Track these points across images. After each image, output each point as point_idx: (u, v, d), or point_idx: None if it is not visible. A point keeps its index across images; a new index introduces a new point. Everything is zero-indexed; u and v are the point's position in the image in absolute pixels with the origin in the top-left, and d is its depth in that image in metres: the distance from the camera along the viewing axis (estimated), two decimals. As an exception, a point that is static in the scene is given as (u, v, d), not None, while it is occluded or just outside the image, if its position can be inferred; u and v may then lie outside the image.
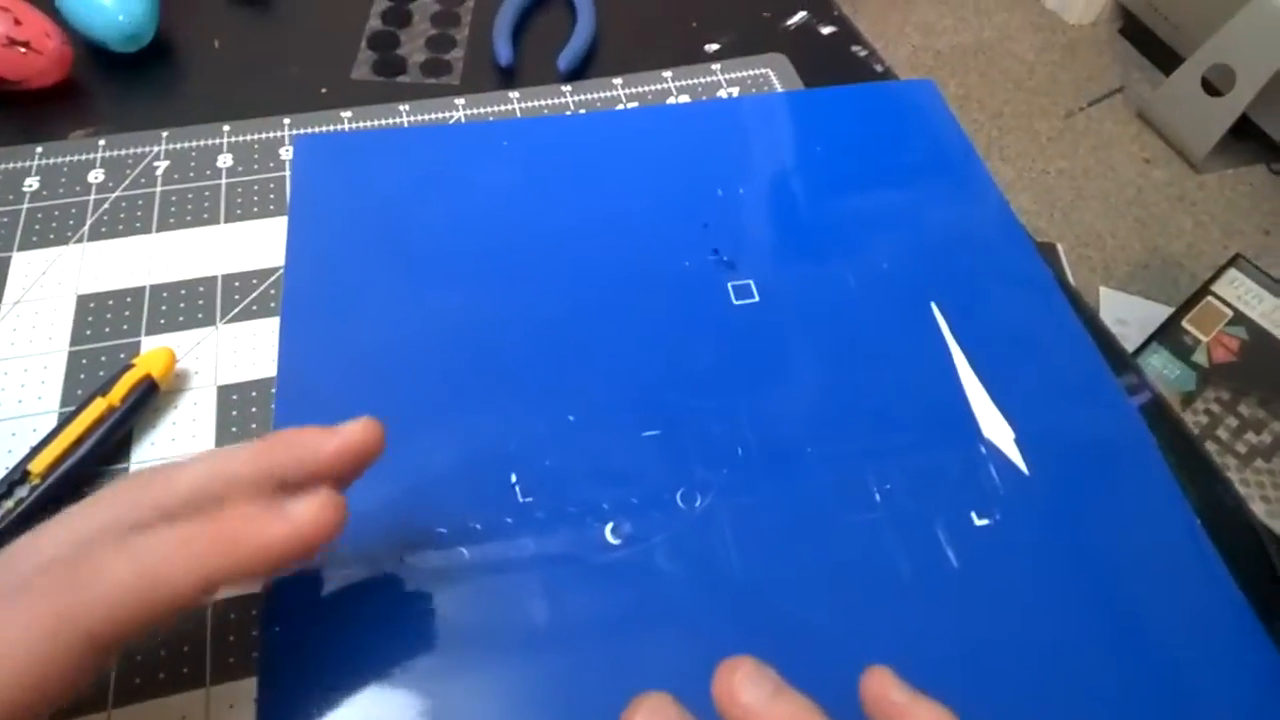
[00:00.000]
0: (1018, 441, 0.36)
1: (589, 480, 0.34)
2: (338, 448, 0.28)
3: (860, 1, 1.75)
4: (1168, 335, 1.13)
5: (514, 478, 0.34)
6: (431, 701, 0.29)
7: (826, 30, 0.56)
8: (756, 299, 0.41)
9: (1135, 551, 0.33)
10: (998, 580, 0.32)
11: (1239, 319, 1.15)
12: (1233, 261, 1.20)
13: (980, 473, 0.35)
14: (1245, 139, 1.50)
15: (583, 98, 0.50)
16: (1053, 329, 0.40)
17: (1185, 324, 1.14)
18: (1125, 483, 0.35)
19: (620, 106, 0.50)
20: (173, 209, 0.43)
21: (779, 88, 0.52)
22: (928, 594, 0.32)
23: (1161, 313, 1.19)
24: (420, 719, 0.29)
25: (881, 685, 0.25)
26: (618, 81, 0.51)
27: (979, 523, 0.34)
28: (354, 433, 0.28)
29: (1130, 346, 1.15)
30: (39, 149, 0.46)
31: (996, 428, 0.36)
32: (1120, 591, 0.33)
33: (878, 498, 0.34)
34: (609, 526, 0.33)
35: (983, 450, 0.36)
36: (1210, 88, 1.47)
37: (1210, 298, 1.17)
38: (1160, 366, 1.11)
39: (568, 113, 0.49)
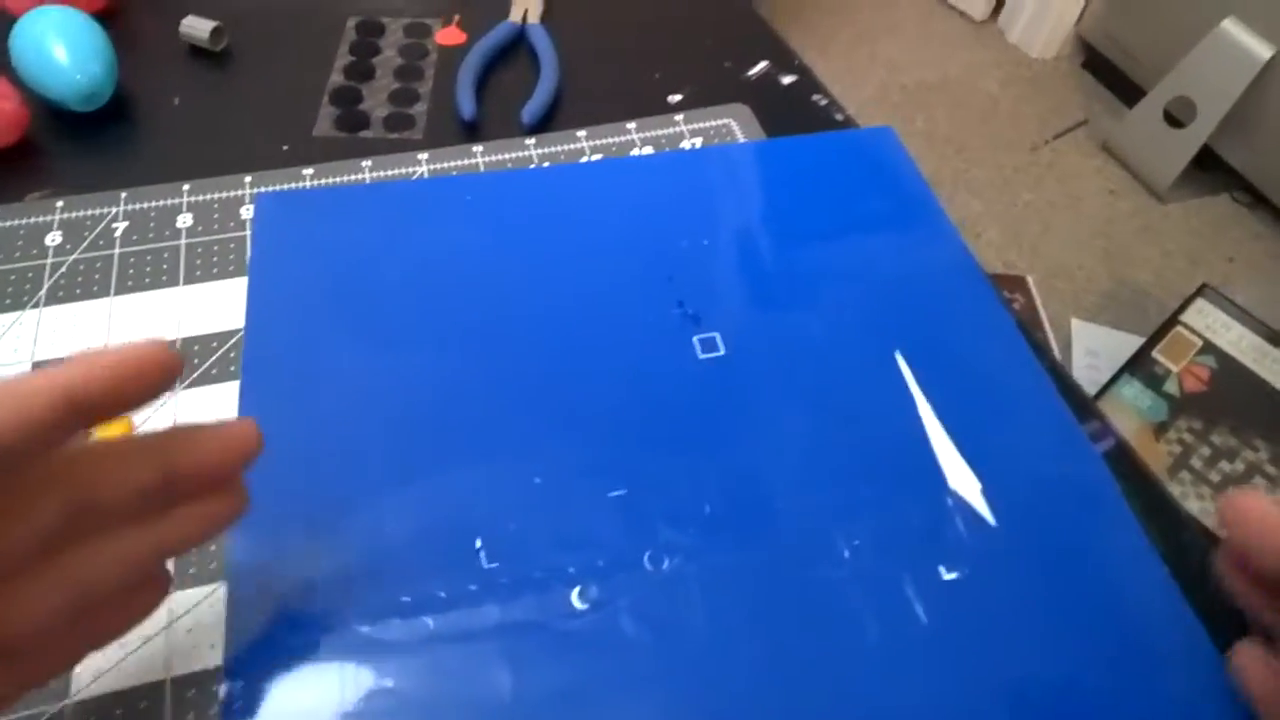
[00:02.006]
0: (984, 493, 0.36)
1: (555, 544, 0.34)
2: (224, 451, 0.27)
3: (828, 40, 1.78)
4: (1139, 366, 1.14)
5: (479, 543, 0.34)
6: (393, 780, 0.28)
7: (787, 80, 0.57)
8: (722, 352, 0.41)
9: (1103, 600, 0.33)
10: (967, 634, 0.32)
11: (1208, 348, 1.16)
12: (1200, 291, 1.22)
13: (947, 526, 0.35)
14: (1208, 169, 1.53)
15: (547, 150, 0.50)
16: (1017, 377, 0.40)
17: (1156, 354, 1.15)
18: (1093, 532, 0.35)
19: (584, 158, 0.50)
20: (131, 271, 0.43)
21: (741, 137, 0.52)
22: (897, 651, 0.32)
23: (1132, 343, 1.21)
24: (382, 799, 0.28)
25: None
26: (581, 134, 0.51)
27: (947, 576, 0.34)
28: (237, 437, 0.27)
29: (1102, 377, 1.16)
30: (-5, 212, 0.45)
31: (963, 479, 0.36)
32: (1089, 640, 0.32)
33: (846, 554, 0.34)
34: (575, 591, 0.33)
35: (950, 502, 0.36)
36: (1172, 119, 1.50)
37: (1180, 327, 1.18)
38: (1133, 398, 1.12)
39: (532, 165, 0.49)
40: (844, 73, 1.70)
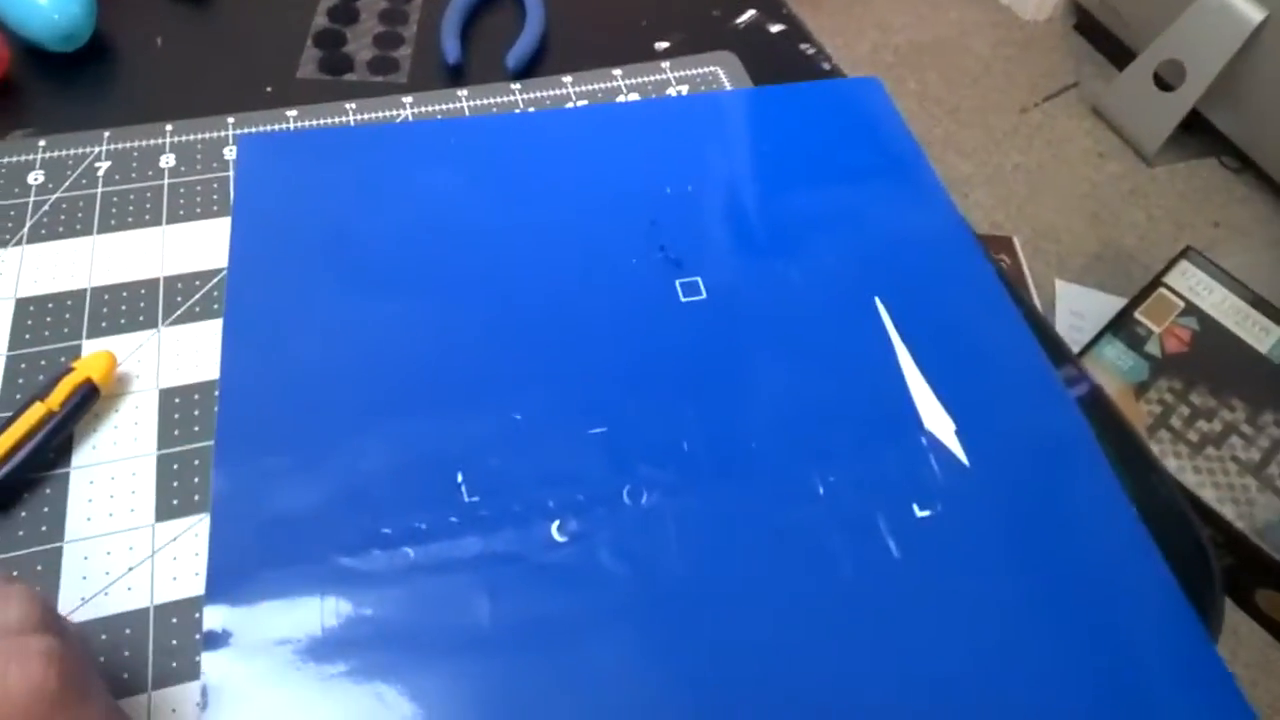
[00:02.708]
0: (959, 434, 0.37)
1: (535, 479, 0.34)
2: None
3: (819, 0, 1.76)
4: (1121, 327, 1.15)
5: (460, 477, 0.34)
6: (378, 702, 0.29)
7: (775, 28, 0.56)
8: (704, 296, 0.41)
9: (1073, 539, 0.34)
10: (939, 569, 0.33)
11: (1190, 310, 1.17)
12: (1184, 253, 1.23)
13: (922, 465, 0.36)
14: (1196, 133, 1.53)
15: (532, 96, 0.50)
16: (994, 322, 0.41)
17: (1138, 315, 1.16)
18: (1063, 472, 0.36)
19: (570, 105, 0.50)
20: (114, 210, 0.43)
21: (728, 85, 0.52)
22: (870, 585, 0.32)
23: (1115, 304, 1.21)
24: (364, 720, 0.29)
25: None
26: (567, 79, 0.51)
27: (920, 514, 0.34)
28: None
29: (1085, 338, 1.17)
30: (-24, 150, 0.45)
31: (938, 420, 0.37)
32: (1058, 578, 0.33)
33: (821, 491, 0.35)
34: (555, 524, 0.33)
35: (924, 442, 0.36)
36: (1162, 83, 1.50)
37: (1162, 289, 1.19)
38: (1114, 358, 1.13)
39: (516, 111, 0.49)
40: (837, 31, 1.68)
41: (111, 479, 0.34)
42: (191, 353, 0.38)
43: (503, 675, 0.30)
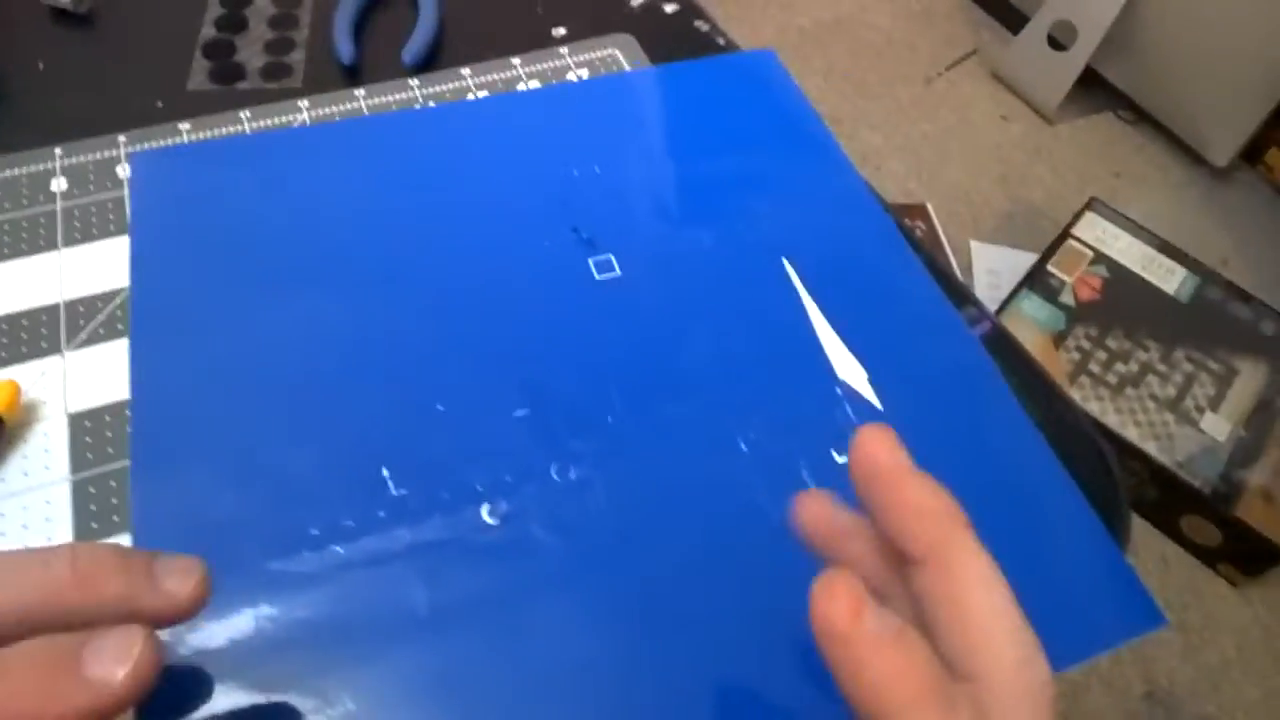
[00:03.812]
0: (871, 380, 0.38)
1: (461, 465, 0.35)
2: (191, 598, 0.24)
3: (722, -16, 1.79)
4: (1036, 280, 1.19)
5: (385, 471, 0.34)
6: (322, 700, 0.29)
7: (670, 8, 0.57)
8: (618, 273, 0.42)
9: (985, 467, 0.36)
10: (861, 511, 0.34)
11: (1099, 258, 1.22)
12: (1089, 205, 1.27)
13: (838, 413, 0.37)
14: (1092, 89, 1.59)
15: (431, 90, 0.50)
16: (897, 273, 0.42)
17: (1050, 268, 1.20)
18: (972, 407, 0.37)
19: (470, 96, 0.50)
20: (6, 238, 0.42)
21: (627, 67, 0.52)
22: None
23: (1029, 260, 1.25)
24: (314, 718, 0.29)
25: (874, 446, 0.24)
26: (466, 71, 0.51)
27: (840, 459, 0.35)
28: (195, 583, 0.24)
29: (1002, 295, 1.21)
30: None
31: (850, 370, 0.38)
32: (975, 507, 0.34)
33: (744, 447, 0.35)
34: (485, 507, 0.34)
35: (839, 392, 0.37)
36: (1055, 43, 1.55)
37: (1071, 240, 1.23)
38: (1032, 310, 1.16)
39: (416, 107, 0.49)
40: (741, 18, 1.71)
41: (24, 509, 0.33)
42: (99, 375, 0.37)
43: (446, 659, 0.30)
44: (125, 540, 0.33)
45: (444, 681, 0.30)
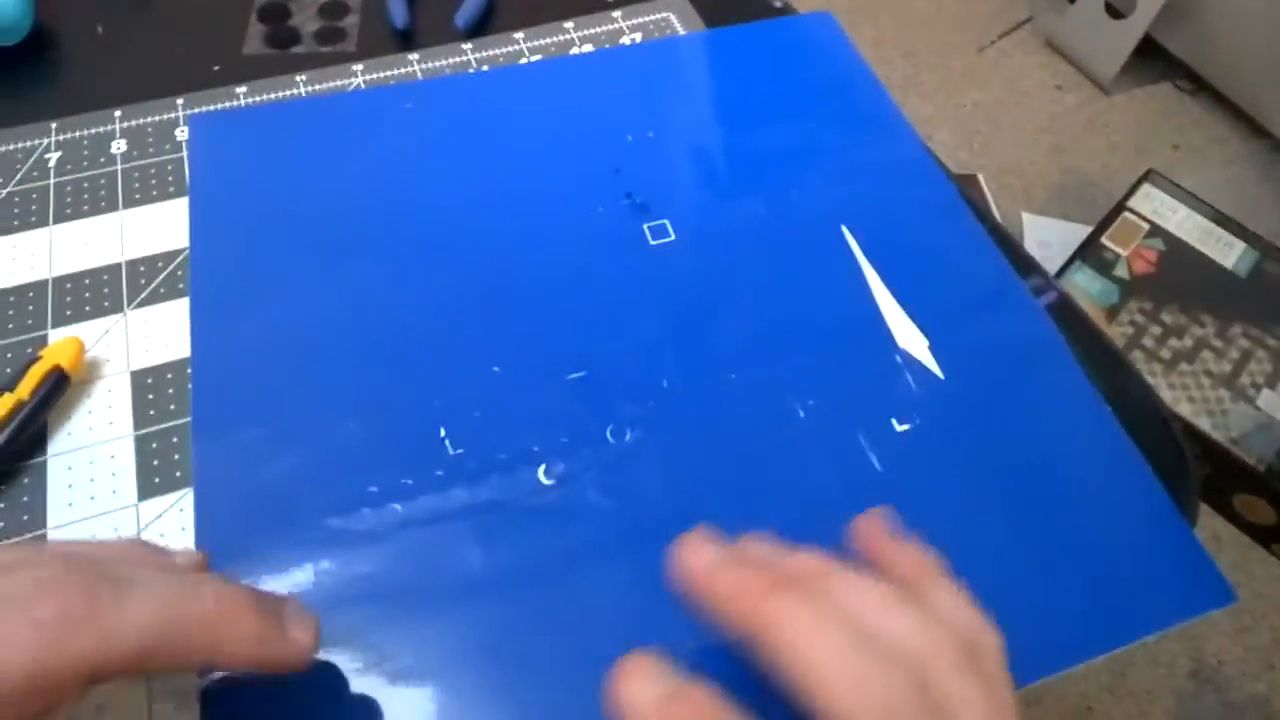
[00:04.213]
0: (932, 349, 0.37)
1: (518, 426, 0.35)
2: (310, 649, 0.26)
3: (768, -49, 1.76)
4: (1089, 253, 1.16)
5: (443, 432, 0.34)
6: (379, 655, 0.29)
7: (724, -30, 0.56)
8: (673, 238, 0.41)
9: (1050, 440, 0.35)
10: (922, 479, 0.33)
11: (1155, 231, 1.18)
12: (1146, 177, 1.24)
13: (898, 381, 0.36)
14: (1150, 59, 1.54)
15: (484, 54, 0.50)
16: (959, 241, 0.41)
17: (1105, 240, 1.17)
18: (1037, 378, 0.36)
19: (523, 60, 0.49)
20: (69, 199, 0.42)
21: (681, 30, 0.52)
22: (855, 498, 0.33)
23: (1082, 232, 1.22)
24: (369, 673, 0.29)
25: (870, 528, 0.27)
26: (519, 36, 0.51)
27: (900, 428, 0.35)
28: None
29: (1054, 267, 1.18)
30: (-79, 150, 0.44)
31: (911, 338, 0.37)
32: (1039, 478, 0.34)
33: (801, 414, 0.35)
34: (541, 468, 0.34)
35: (899, 360, 0.37)
36: (1113, 11, 1.50)
37: (1127, 213, 1.20)
38: (1084, 283, 1.14)
39: (470, 71, 0.49)
40: (787, -16, 1.68)
41: (90, 463, 0.34)
42: (160, 333, 0.38)
43: (500, 618, 0.30)
44: (188, 497, 0.33)
45: (498, 639, 0.30)
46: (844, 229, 0.41)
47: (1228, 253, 1.16)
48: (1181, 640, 0.98)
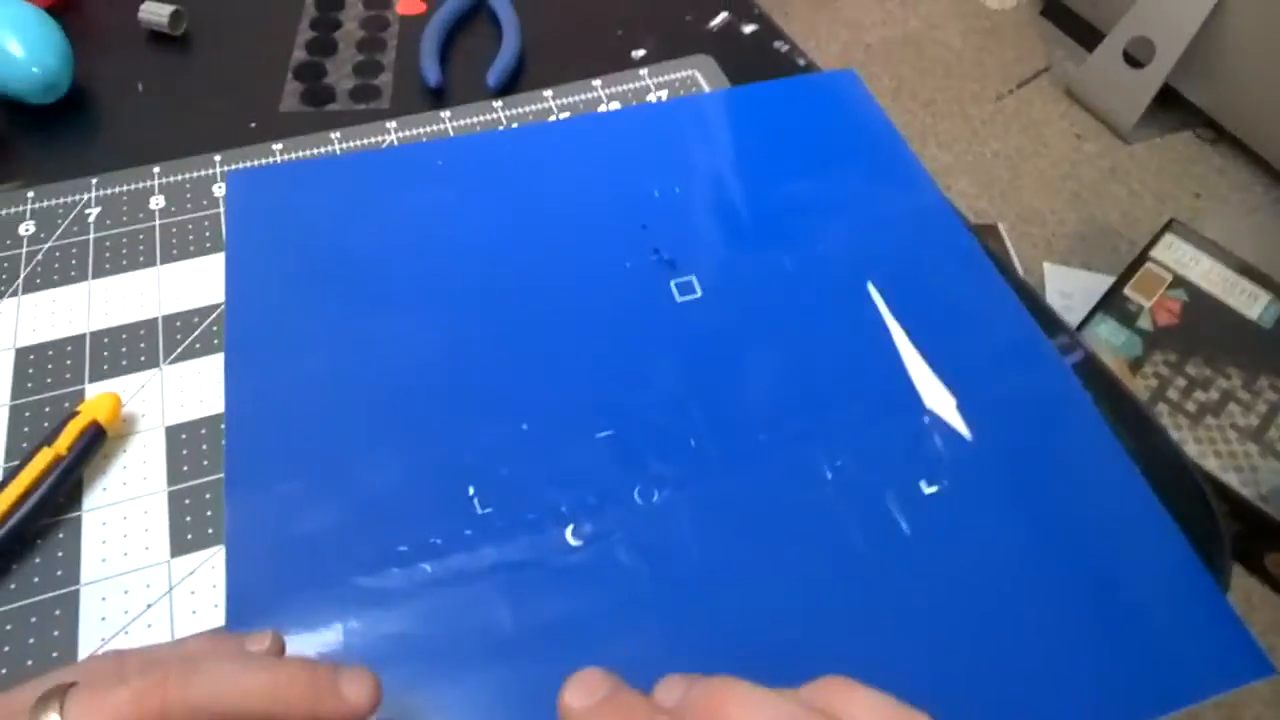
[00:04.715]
0: (960, 409, 0.37)
1: (546, 485, 0.35)
2: (369, 701, 0.27)
3: (788, 4, 1.78)
4: (1112, 304, 1.16)
5: (471, 490, 0.34)
6: (408, 716, 0.29)
7: (748, 29, 0.57)
8: (699, 294, 0.41)
9: (1079, 503, 0.35)
10: (950, 542, 0.33)
11: (1179, 282, 1.18)
12: (1168, 226, 1.24)
13: (926, 442, 0.36)
14: (1170, 107, 1.54)
15: (514, 112, 0.51)
16: (985, 298, 0.41)
17: (1127, 291, 1.17)
18: (1065, 438, 0.36)
19: (552, 118, 0.50)
20: (108, 254, 0.43)
21: (706, 87, 0.53)
22: (883, 562, 0.33)
23: (1104, 283, 1.22)
24: (394, 736, 0.29)
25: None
26: (548, 93, 0.52)
27: (928, 490, 0.35)
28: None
29: (1076, 318, 1.18)
30: (-34, 206, 0.45)
31: (938, 397, 0.37)
32: (1067, 542, 0.34)
33: (829, 475, 0.35)
34: (569, 528, 0.34)
35: (926, 420, 0.37)
36: (1132, 60, 1.51)
37: (1150, 263, 1.20)
38: (1107, 335, 1.13)
39: (500, 128, 0.50)
40: (807, 36, 1.70)
41: (124, 519, 0.34)
42: (195, 389, 0.38)
43: (528, 679, 0.30)
44: (219, 554, 0.33)
45: (527, 701, 0.30)
46: (870, 286, 0.41)
47: (1252, 304, 1.15)
48: (1218, 707, 0.96)
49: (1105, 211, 1.43)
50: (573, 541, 0.33)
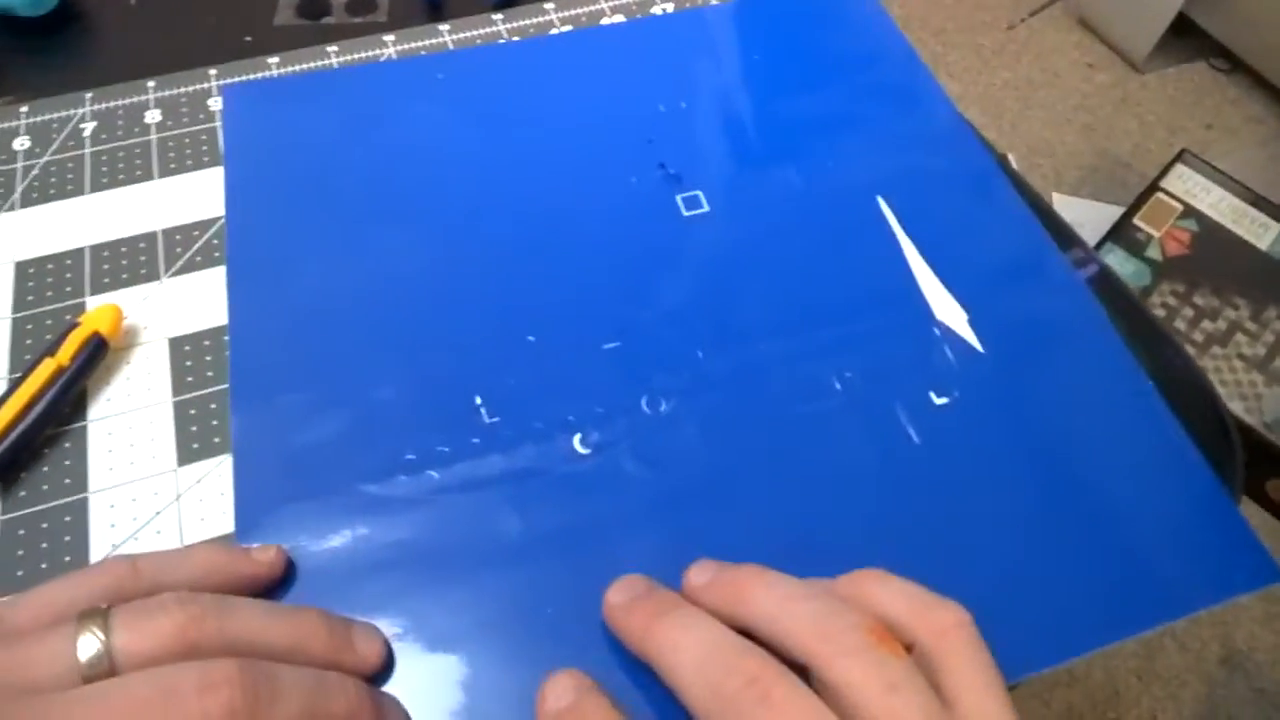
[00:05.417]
0: (971, 322, 0.36)
1: (553, 395, 0.34)
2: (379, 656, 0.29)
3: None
4: (1121, 234, 1.15)
5: (478, 400, 0.34)
6: (415, 620, 0.29)
7: (757, -60, 0.55)
8: (706, 209, 0.41)
9: (1092, 415, 0.34)
10: (961, 452, 0.33)
11: (1189, 212, 1.17)
12: (1179, 157, 1.22)
13: (936, 354, 0.36)
14: (1185, 36, 1.51)
15: (515, 25, 0.49)
16: (999, 213, 0.41)
17: (1137, 221, 1.16)
18: (1078, 351, 0.36)
19: (554, 31, 0.49)
20: (104, 169, 0.42)
21: (714, 0, 0.51)
22: (893, 471, 0.33)
23: (1113, 213, 1.21)
24: (405, 639, 0.29)
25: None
26: (549, 6, 0.50)
27: (938, 401, 0.34)
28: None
29: (1085, 249, 1.17)
30: (-42, 120, 0.44)
31: (949, 311, 0.37)
32: (1081, 455, 0.33)
33: (837, 386, 0.35)
34: (576, 437, 0.33)
35: (937, 333, 0.36)
36: (1147, -13, 1.48)
37: (1160, 194, 1.18)
38: (1116, 265, 1.12)
39: (501, 41, 0.48)
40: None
41: (129, 429, 0.34)
42: (197, 301, 0.38)
43: (535, 583, 0.30)
44: (226, 463, 0.33)
45: (533, 607, 0.30)
46: (880, 200, 0.41)
47: (1263, 234, 1.14)
48: (1212, 626, 0.97)
49: (1116, 142, 1.41)
50: (580, 450, 0.33)
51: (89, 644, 0.24)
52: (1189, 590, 0.31)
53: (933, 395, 0.34)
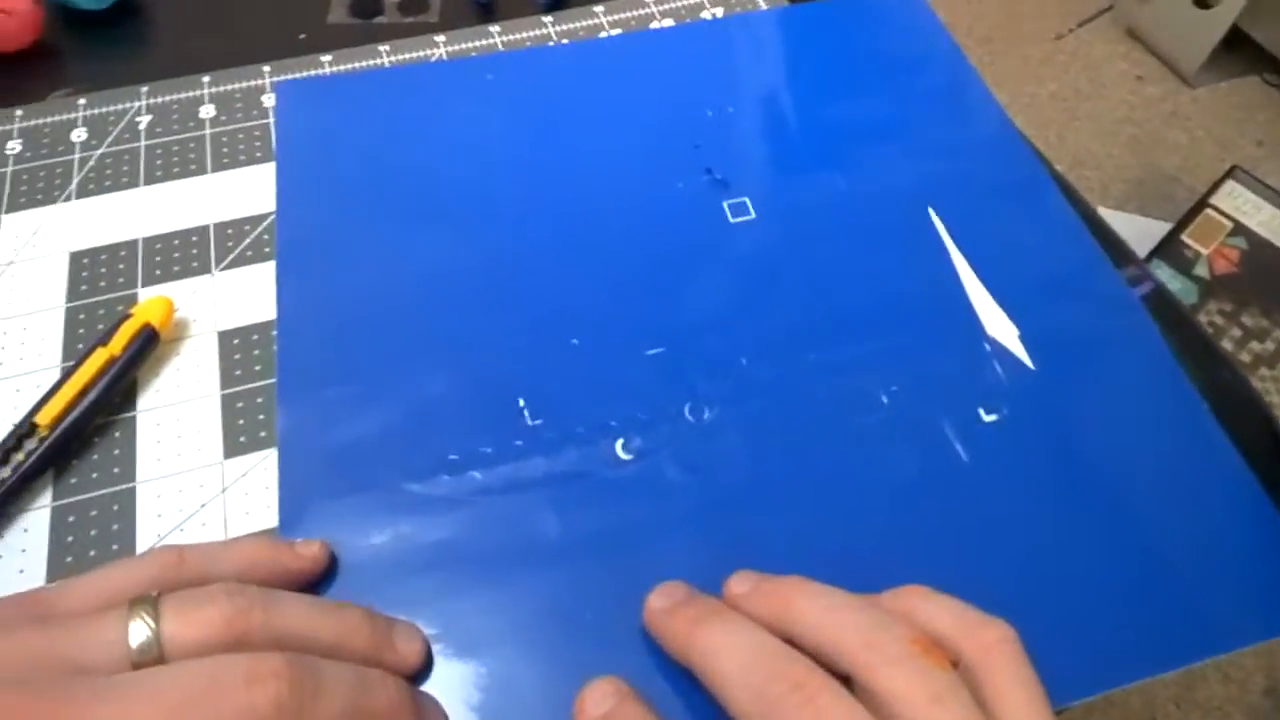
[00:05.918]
0: (1022, 338, 0.36)
1: (596, 400, 0.34)
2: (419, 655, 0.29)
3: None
4: (1168, 250, 1.13)
5: (522, 402, 0.34)
6: (454, 620, 0.29)
7: (808, -54, 0.55)
8: (753, 216, 0.41)
9: (1144, 436, 0.34)
10: (1009, 472, 0.33)
11: (1238, 230, 1.14)
12: (1230, 173, 1.19)
13: (986, 370, 0.35)
14: (1237, 50, 1.48)
15: (565, 27, 0.50)
16: (1052, 226, 0.40)
17: (1185, 238, 1.13)
18: (1131, 371, 0.35)
19: (603, 34, 0.49)
20: (159, 162, 0.43)
21: (763, 4, 0.51)
22: (939, 488, 0.32)
23: (1160, 229, 1.19)
24: (444, 639, 0.29)
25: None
26: (599, 9, 0.50)
27: (987, 418, 0.34)
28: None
29: (1130, 264, 1.15)
30: (19, 112, 0.45)
31: (1000, 326, 0.36)
32: (1131, 476, 0.33)
33: (884, 400, 0.34)
34: (619, 442, 0.33)
35: (987, 348, 0.36)
36: (1199, 0, 1.45)
37: (1209, 210, 1.16)
38: (1162, 281, 1.10)
39: (550, 44, 0.49)
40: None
41: (177, 420, 0.35)
42: (246, 295, 0.38)
43: (575, 587, 0.30)
44: (271, 457, 0.34)
45: (572, 611, 0.30)
46: (929, 209, 0.40)
47: (1315, 254, 1.12)
48: (1256, 656, 0.95)
49: (1164, 156, 1.39)
50: (622, 455, 0.33)
51: (139, 630, 0.24)
52: (1241, 623, 0.30)
53: (982, 412, 0.34)
